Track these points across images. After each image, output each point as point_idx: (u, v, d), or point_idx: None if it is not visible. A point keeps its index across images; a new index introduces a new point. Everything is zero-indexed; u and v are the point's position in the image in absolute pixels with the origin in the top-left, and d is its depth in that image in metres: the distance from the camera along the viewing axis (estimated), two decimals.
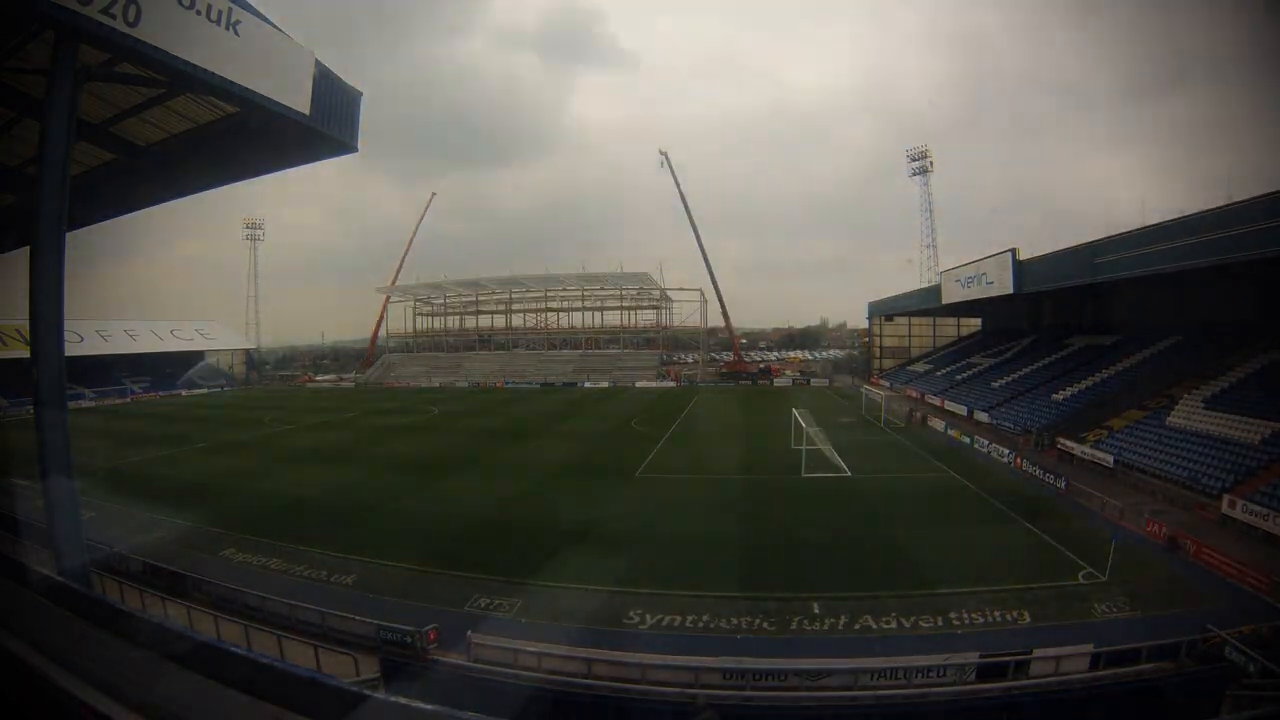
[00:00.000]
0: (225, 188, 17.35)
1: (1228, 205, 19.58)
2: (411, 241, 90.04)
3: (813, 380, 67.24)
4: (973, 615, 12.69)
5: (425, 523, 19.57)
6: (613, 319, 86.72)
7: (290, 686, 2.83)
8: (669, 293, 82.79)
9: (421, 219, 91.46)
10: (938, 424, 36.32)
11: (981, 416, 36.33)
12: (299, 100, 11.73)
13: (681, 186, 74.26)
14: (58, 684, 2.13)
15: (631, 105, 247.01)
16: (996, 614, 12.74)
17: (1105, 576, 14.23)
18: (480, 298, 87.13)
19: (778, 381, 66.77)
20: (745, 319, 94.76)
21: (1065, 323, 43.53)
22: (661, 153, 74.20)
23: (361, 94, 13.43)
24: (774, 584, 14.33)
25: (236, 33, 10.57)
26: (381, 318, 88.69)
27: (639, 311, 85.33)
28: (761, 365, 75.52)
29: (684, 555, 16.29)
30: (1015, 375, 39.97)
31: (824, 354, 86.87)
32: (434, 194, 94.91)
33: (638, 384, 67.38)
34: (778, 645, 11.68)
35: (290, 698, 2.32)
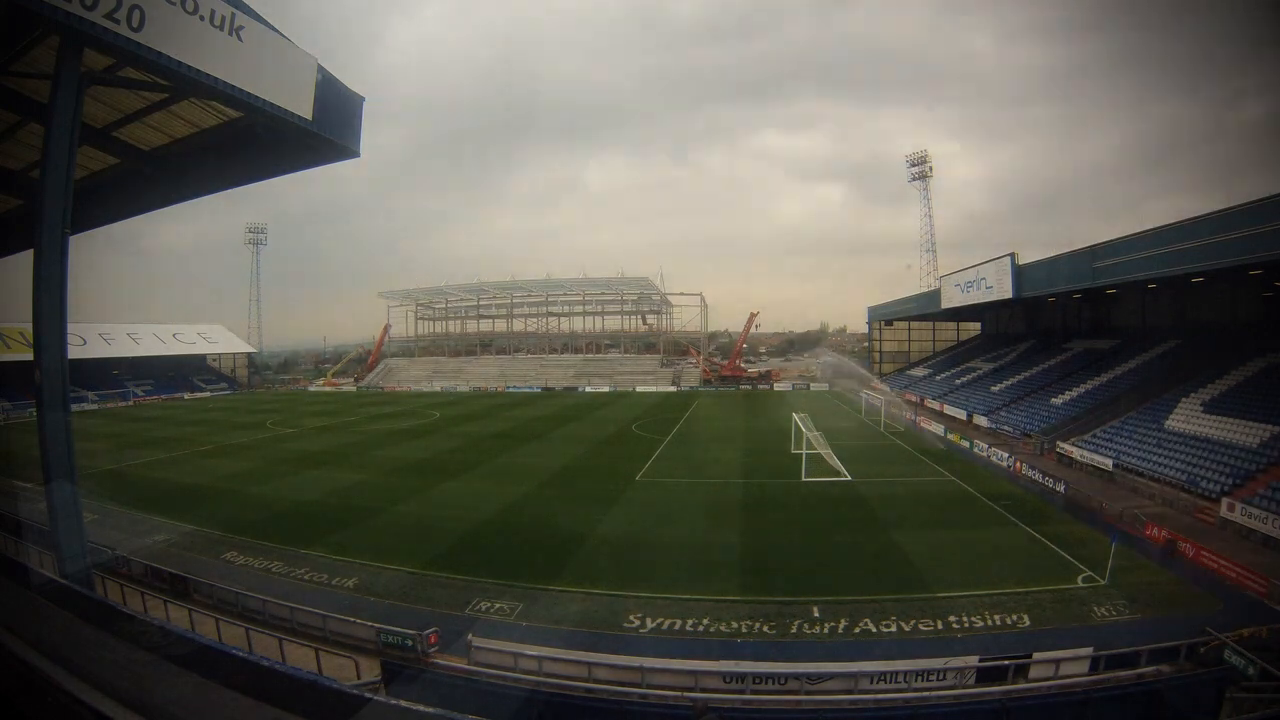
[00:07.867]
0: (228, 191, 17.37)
1: (1227, 209, 19.61)
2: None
3: (812, 385, 67.28)
4: (972, 619, 12.69)
5: (426, 526, 19.56)
6: (613, 323, 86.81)
7: (291, 689, 2.85)
8: (669, 297, 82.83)
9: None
10: (937, 428, 36.29)
11: (981, 420, 36.31)
12: (302, 105, 11.76)
13: None
14: (60, 686, 2.16)
15: None
16: (996, 617, 12.74)
17: (1104, 580, 14.24)
18: (482, 302, 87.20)
19: (777, 386, 66.85)
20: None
21: (1064, 327, 43.58)
22: None
23: (364, 99, 13.46)
24: (774, 587, 14.34)
25: (240, 38, 10.62)
26: (386, 327, 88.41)
27: (639, 316, 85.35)
28: (762, 370, 75.40)
29: (684, 559, 16.28)
30: (1015, 379, 39.98)
31: (824, 359, 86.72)
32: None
33: (638, 389, 67.36)
34: (778, 649, 11.67)
35: (291, 700, 2.34)
